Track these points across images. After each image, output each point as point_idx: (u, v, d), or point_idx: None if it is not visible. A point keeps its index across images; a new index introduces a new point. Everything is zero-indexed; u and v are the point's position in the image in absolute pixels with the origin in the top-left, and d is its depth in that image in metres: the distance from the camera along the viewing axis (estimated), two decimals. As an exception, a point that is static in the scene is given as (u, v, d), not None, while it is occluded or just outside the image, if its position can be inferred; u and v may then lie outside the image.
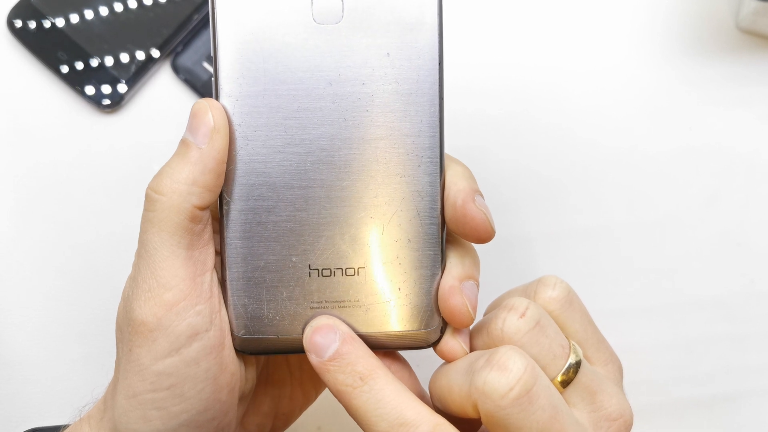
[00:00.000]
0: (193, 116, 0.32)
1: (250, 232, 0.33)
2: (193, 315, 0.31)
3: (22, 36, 0.49)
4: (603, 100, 0.50)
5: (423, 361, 0.47)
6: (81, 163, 0.49)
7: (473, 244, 0.35)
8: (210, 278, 0.33)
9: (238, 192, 0.33)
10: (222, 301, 0.33)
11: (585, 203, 0.50)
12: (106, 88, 0.49)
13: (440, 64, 0.33)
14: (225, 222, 0.33)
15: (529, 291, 0.35)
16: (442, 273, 0.34)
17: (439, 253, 0.34)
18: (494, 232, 0.33)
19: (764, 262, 0.49)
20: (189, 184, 0.31)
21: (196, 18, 0.49)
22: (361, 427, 0.32)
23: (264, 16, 0.33)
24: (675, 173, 0.50)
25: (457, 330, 0.34)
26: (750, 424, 0.48)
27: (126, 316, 0.32)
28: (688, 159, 0.50)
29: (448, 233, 0.35)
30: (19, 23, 0.49)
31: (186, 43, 0.49)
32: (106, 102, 0.49)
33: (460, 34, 0.51)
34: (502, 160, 0.50)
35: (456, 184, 0.34)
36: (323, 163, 0.33)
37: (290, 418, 0.39)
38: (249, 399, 0.37)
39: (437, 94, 0.33)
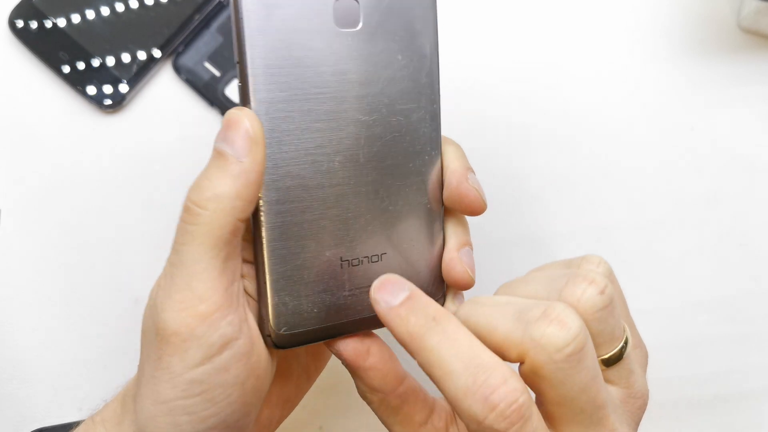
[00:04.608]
0: (228, 126, 0.32)
1: (288, 233, 0.34)
2: (225, 325, 0.32)
3: (23, 36, 0.49)
4: (605, 100, 0.50)
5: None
6: (82, 163, 0.49)
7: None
8: (238, 287, 0.33)
9: (274, 196, 0.34)
10: (247, 308, 0.34)
11: (586, 203, 0.50)
12: (107, 88, 0.49)
13: (437, 64, 0.36)
14: (263, 226, 0.34)
15: (572, 266, 0.36)
16: (444, 246, 0.37)
17: (441, 229, 0.37)
18: (486, 206, 0.36)
19: (765, 262, 0.49)
20: (232, 198, 0.31)
21: (198, 18, 0.49)
22: (431, 369, 0.31)
23: (289, 22, 0.33)
24: (677, 173, 0.50)
25: (454, 295, 0.37)
26: (752, 424, 0.48)
27: (155, 325, 0.32)
28: (689, 159, 0.50)
29: (444, 208, 0.37)
30: (20, 23, 0.49)
31: (187, 43, 0.49)
32: (108, 102, 0.49)
33: (463, 34, 0.51)
34: (504, 160, 0.50)
35: (449, 167, 0.36)
36: (349, 161, 0.34)
37: (294, 403, 0.40)
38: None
39: (437, 91, 0.36)
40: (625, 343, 0.33)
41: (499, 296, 0.34)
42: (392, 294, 0.32)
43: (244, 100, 0.33)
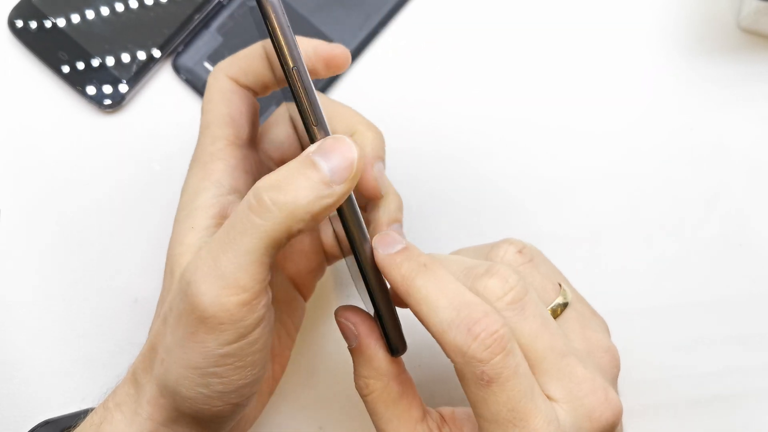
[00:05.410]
0: (334, 149, 0.32)
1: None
2: (260, 308, 0.33)
3: (23, 36, 0.49)
4: (604, 100, 0.50)
5: (424, 362, 0.47)
6: (82, 163, 0.49)
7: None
8: (271, 272, 0.34)
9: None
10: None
11: (586, 203, 0.50)
12: (107, 88, 0.49)
13: None
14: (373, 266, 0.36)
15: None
16: None
17: None
18: (382, 196, 0.39)
19: (766, 262, 0.49)
20: (307, 212, 0.32)
21: (197, 18, 0.49)
22: (419, 307, 0.33)
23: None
24: (676, 174, 0.50)
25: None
26: (752, 425, 0.48)
27: (191, 304, 0.33)
28: (689, 159, 0.50)
29: None
30: (20, 23, 0.49)
31: (187, 42, 0.49)
32: (108, 102, 0.49)
33: (463, 37, 0.51)
34: (504, 160, 0.50)
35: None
36: None
37: (285, 357, 0.43)
38: None
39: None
40: (564, 302, 0.37)
41: (451, 255, 0.37)
42: (390, 245, 0.35)
43: (313, 110, 0.33)
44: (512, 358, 0.32)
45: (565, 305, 0.37)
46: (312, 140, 0.34)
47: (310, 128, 0.33)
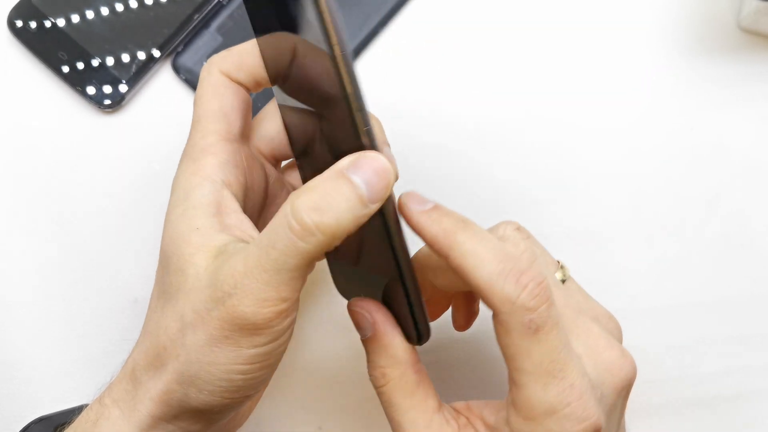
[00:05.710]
0: (371, 167, 0.33)
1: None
2: (294, 311, 0.34)
3: (22, 36, 0.49)
4: (604, 100, 0.50)
5: (425, 360, 0.47)
6: (81, 164, 0.49)
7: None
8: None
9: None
10: None
11: (586, 204, 0.49)
12: (107, 88, 0.49)
13: None
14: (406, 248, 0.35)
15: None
16: None
17: None
18: (398, 177, 0.37)
19: (767, 262, 0.49)
20: (347, 231, 0.32)
21: (197, 18, 0.49)
22: (464, 260, 0.34)
23: None
24: (677, 173, 0.50)
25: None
26: (753, 425, 0.48)
27: (229, 311, 0.33)
28: (689, 159, 0.50)
29: None
30: (19, 23, 0.49)
31: (187, 42, 0.49)
32: (107, 102, 0.49)
33: (463, 35, 0.51)
34: (504, 161, 0.50)
35: None
36: None
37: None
38: None
39: None
40: (563, 279, 0.39)
41: None
42: (421, 203, 0.35)
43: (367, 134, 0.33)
44: (554, 309, 0.33)
45: (563, 282, 0.39)
46: (357, 133, 0.33)
47: (355, 114, 0.32)
